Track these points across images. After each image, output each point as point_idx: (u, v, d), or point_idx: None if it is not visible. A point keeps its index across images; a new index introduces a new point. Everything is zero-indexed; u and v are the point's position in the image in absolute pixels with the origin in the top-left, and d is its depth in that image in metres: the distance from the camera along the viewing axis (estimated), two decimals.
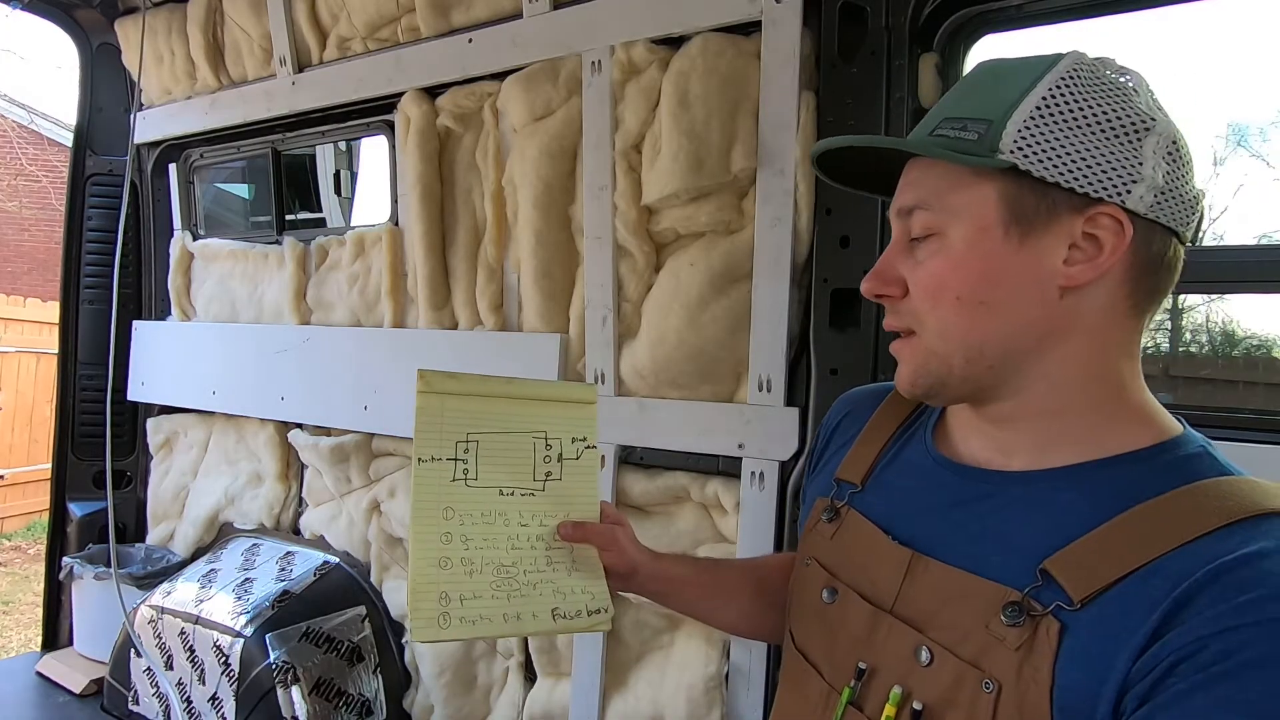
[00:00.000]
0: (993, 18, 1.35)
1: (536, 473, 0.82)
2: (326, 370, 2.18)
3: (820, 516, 0.76)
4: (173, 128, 2.54)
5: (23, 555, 5.49)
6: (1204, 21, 1.23)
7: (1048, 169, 0.56)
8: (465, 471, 0.79)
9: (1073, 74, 0.58)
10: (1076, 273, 0.57)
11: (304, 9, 2.14)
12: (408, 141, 1.95)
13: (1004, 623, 0.55)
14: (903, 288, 0.64)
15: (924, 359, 0.63)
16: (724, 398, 1.58)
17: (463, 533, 0.77)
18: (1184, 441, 0.59)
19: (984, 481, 0.64)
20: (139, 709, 2.08)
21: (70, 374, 2.61)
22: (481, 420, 0.81)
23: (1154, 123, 0.57)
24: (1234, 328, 2.97)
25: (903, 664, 0.61)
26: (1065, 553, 0.54)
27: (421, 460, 0.78)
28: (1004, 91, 0.59)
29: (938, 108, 0.65)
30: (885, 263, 0.65)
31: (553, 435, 0.83)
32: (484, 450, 0.80)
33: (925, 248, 0.62)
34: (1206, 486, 0.53)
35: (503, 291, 1.91)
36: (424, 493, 0.77)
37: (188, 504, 2.58)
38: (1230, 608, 0.46)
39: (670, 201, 1.56)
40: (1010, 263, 0.58)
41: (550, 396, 0.85)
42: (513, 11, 1.79)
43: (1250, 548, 0.48)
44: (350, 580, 2.11)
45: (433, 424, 0.79)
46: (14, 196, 8.80)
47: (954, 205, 0.60)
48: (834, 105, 1.42)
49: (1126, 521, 0.53)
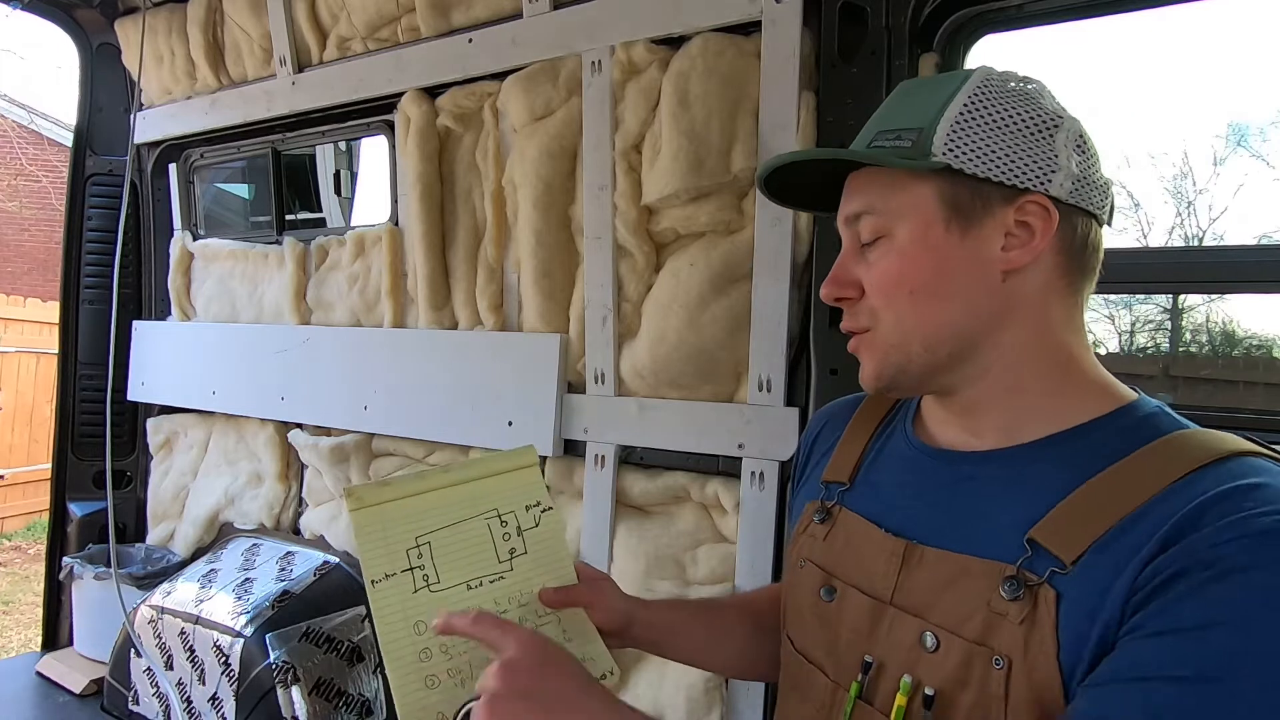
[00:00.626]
0: (993, 18, 1.35)
1: (499, 554, 0.77)
2: (326, 370, 2.18)
3: (811, 519, 0.77)
4: (173, 128, 2.54)
5: (23, 555, 5.49)
6: (1204, 21, 1.23)
7: (978, 166, 0.62)
8: (425, 578, 0.74)
9: (985, 84, 0.65)
10: (1014, 257, 0.63)
11: (304, 9, 2.14)
12: (408, 141, 1.95)
13: (1004, 597, 0.57)
14: (859, 289, 0.68)
15: (884, 352, 0.67)
16: (724, 398, 1.58)
17: (440, 644, 0.71)
18: (1140, 405, 0.63)
19: (964, 464, 0.67)
20: (139, 709, 2.08)
21: (70, 374, 2.61)
22: (426, 519, 0.76)
23: (1061, 119, 0.64)
24: (1234, 328, 2.97)
25: (909, 653, 0.62)
26: (1047, 520, 0.57)
27: (375, 582, 0.73)
28: (928, 103, 0.65)
29: (869, 125, 0.70)
30: (840, 268, 0.69)
31: (505, 510, 0.79)
32: (438, 549, 0.75)
33: (876, 249, 0.67)
34: (1170, 440, 0.58)
35: (503, 291, 1.91)
36: (387, 615, 0.72)
37: (188, 504, 2.58)
38: (1214, 530, 0.49)
39: (670, 201, 1.56)
40: (955, 254, 0.64)
41: (488, 473, 0.81)
42: (513, 11, 1.79)
43: (1224, 485, 0.52)
44: (350, 580, 2.10)
45: (375, 540, 0.74)
46: (14, 196, 8.80)
47: (898, 207, 0.65)
48: (834, 105, 1.42)
49: (1101, 481, 0.57)
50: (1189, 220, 4.42)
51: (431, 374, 1.96)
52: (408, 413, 2.00)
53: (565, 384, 1.76)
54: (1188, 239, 4.32)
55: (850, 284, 0.68)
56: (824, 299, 0.70)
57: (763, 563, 1.47)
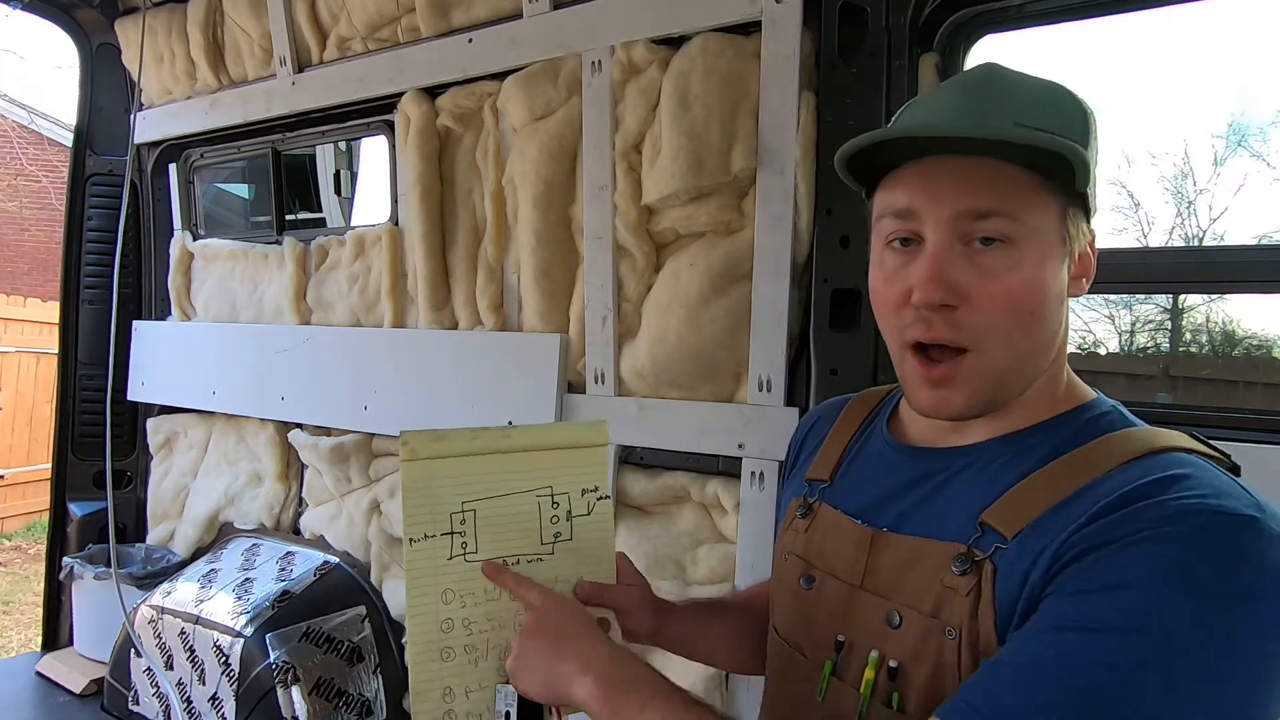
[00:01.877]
0: (993, 18, 1.35)
1: (544, 535, 0.74)
2: (326, 370, 2.18)
3: (795, 514, 0.80)
4: (173, 128, 2.54)
5: (23, 555, 5.48)
6: (1204, 21, 1.24)
7: (1093, 202, 0.64)
8: (464, 545, 0.71)
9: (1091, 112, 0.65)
10: (1077, 285, 0.65)
11: (304, 9, 2.14)
12: (408, 141, 1.95)
13: (954, 573, 0.60)
14: (961, 297, 0.61)
15: (983, 376, 0.62)
16: (724, 398, 1.57)
17: (464, 616, 0.70)
18: (1097, 404, 0.67)
19: (936, 459, 0.69)
20: (139, 709, 2.08)
21: (70, 374, 2.61)
22: (477, 484, 0.72)
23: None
24: (1234, 328, 2.97)
25: (877, 630, 0.66)
26: (998, 504, 0.61)
27: (414, 540, 0.70)
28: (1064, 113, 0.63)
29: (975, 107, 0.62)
30: (939, 269, 0.61)
31: (559, 490, 0.74)
32: (483, 518, 0.72)
33: (995, 258, 0.60)
34: (1114, 435, 0.62)
35: (503, 291, 1.91)
36: (419, 576, 0.70)
37: (188, 504, 2.58)
38: (1127, 512, 0.54)
39: (670, 201, 1.56)
40: (1060, 279, 0.63)
41: (553, 444, 0.75)
42: (513, 11, 1.79)
43: (1152, 476, 0.56)
44: (350, 580, 2.11)
45: (421, 497, 0.70)
46: (14, 196, 8.80)
47: (1032, 220, 0.61)
48: (834, 105, 1.42)
49: (1050, 470, 0.61)
50: (1189, 220, 4.42)
51: (431, 374, 1.96)
52: (408, 413, 2.00)
53: (565, 384, 1.76)
54: (1188, 239, 4.32)
55: (956, 290, 0.61)
56: (924, 304, 0.61)
57: (763, 563, 1.47)
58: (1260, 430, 1.14)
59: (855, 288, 1.40)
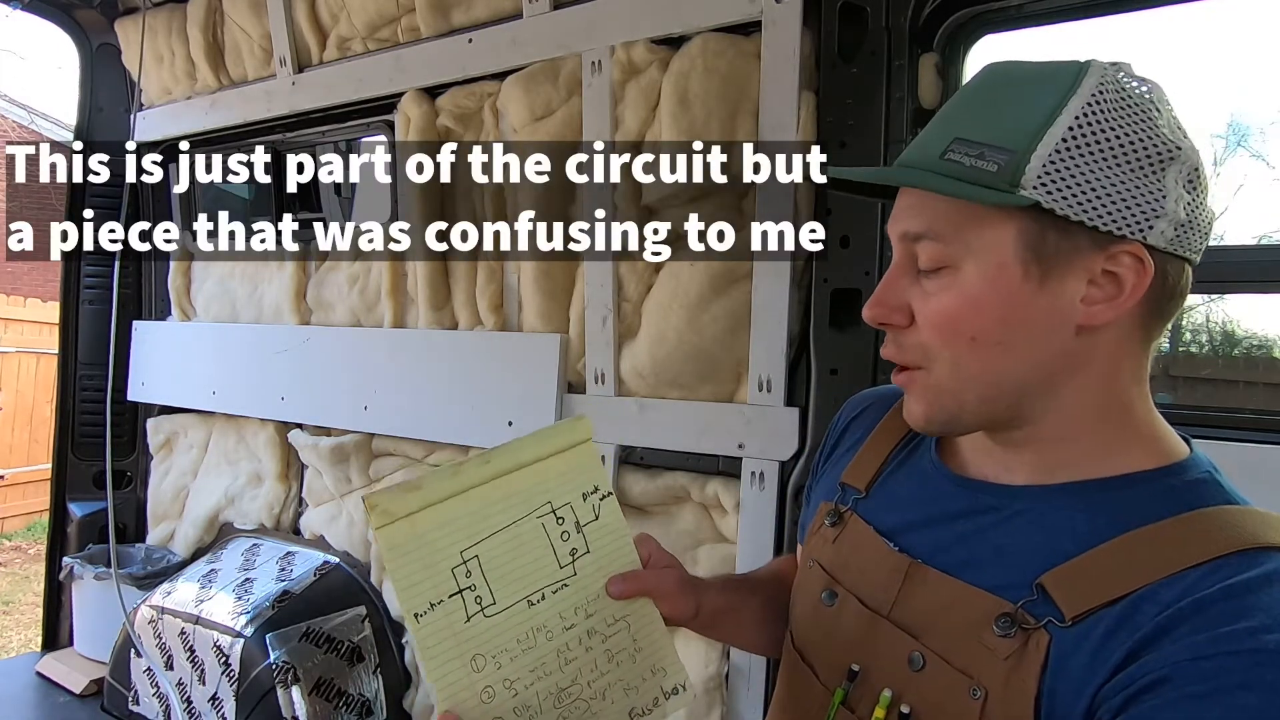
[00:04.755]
0: (993, 18, 1.35)
1: (560, 557, 0.66)
2: (326, 370, 2.18)
3: (824, 520, 0.75)
4: (173, 128, 2.54)
5: (23, 555, 5.48)
6: (1204, 21, 1.23)
7: (1072, 207, 0.53)
8: (478, 600, 0.62)
9: (1099, 95, 0.54)
10: (1096, 312, 0.56)
11: (304, 9, 2.14)
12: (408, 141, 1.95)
13: (995, 633, 0.55)
14: (908, 315, 0.60)
15: (935, 396, 0.61)
16: (724, 398, 1.57)
17: (504, 677, 0.62)
18: (1189, 465, 0.57)
19: (986, 495, 0.63)
20: (139, 709, 2.08)
21: (70, 374, 2.61)
22: (470, 527, 0.64)
23: (1178, 151, 0.55)
24: (1234, 328, 2.97)
25: (895, 668, 0.61)
26: (1061, 570, 0.54)
27: (419, 615, 0.61)
28: (1024, 114, 0.55)
29: (945, 121, 0.60)
30: (887, 288, 0.61)
31: (559, 504, 0.67)
32: (489, 563, 0.63)
33: (936, 279, 0.59)
34: (1207, 516, 0.53)
35: (503, 291, 1.91)
36: (438, 653, 0.61)
37: (188, 504, 2.58)
38: (1207, 638, 0.47)
39: (670, 202, 1.56)
40: (1029, 303, 0.56)
41: (537, 455, 0.68)
42: (513, 11, 1.79)
43: (1236, 578, 0.48)
44: (350, 580, 2.10)
45: (412, 562, 0.61)
46: None
47: (969, 240, 0.57)
48: (834, 105, 1.42)
49: (1124, 545, 0.53)
50: None
51: (431, 374, 1.96)
52: (408, 413, 2.00)
53: (565, 384, 1.76)
54: None
55: (899, 308, 0.60)
56: (868, 320, 0.62)
57: (763, 563, 1.47)
58: (1260, 430, 1.14)
59: (855, 288, 1.40)
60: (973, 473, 0.66)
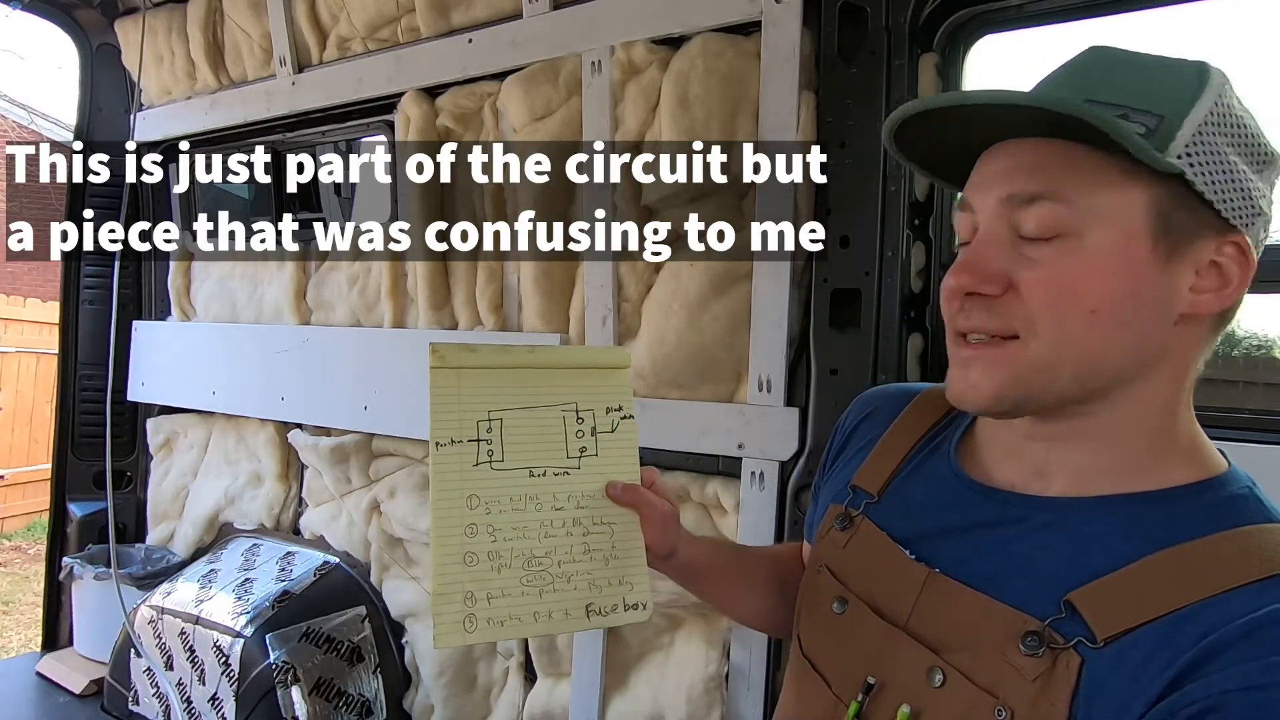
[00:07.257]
0: (993, 18, 1.35)
1: (570, 449, 0.74)
2: (326, 370, 2.18)
3: (833, 523, 0.73)
4: (173, 128, 2.54)
5: (23, 555, 5.49)
6: (1204, 21, 1.23)
7: (1208, 185, 0.52)
8: (490, 453, 0.71)
9: (1226, 89, 0.54)
10: (1204, 301, 0.54)
11: (304, 9, 2.14)
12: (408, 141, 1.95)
13: (1022, 652, 0.53)
14: (1003, 285, 0.55)
15: (1023, 369, 0.55)
16: (724, 398, 1.57)
17: (489, 523, 0.69)
18: (1228, 480, 0.55)
19: (1011, 505, 0.61)
20: (139, 709, 2.08)
21: (70, 374, 2.61)
22: (504, 395, 0.73)
23: (1276, 158, 0.56)
24: (1234, 328, 2.96)
25: (914, 683, 0.59)
26: (1093, 587, 0.52)
27: (440, 444, 0.70)
28: (1170, 84, 0.54)
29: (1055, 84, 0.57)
30: (980, 255, 0.56)
31: (584, 407, 0.75)
32: (509, 428, 0.72)
33: (1049, 247, 0.54)
34: (1249, 534, 0.51)
35: (503, 291, 1.91)
36: (445, 480, 0.69)
37: (188, 504, 2.58)
38: (1259, 666, 0.44)
39: (670, 202, 1.56)
40: (1152, 280, 0.53)
41: (578, 364, 0.78)
42: (513, 11, 1.79)
43: None
44: (350, 580, 2.10)
45: (449, 402, 0.71)
46: None
47: (1097, 204, 0.53)
48: (834, 105, 1.42)
49: (1161, 562, 0.51)
50: None
51: None
52: (408, 413, 1.99)
53: None
54: None
55: (994, 277, 0.55)
56: (951, 291, 0.57)
57: None
58: (1260, 430, 1.14)
59: (855, 288, 1.40)
60: (997, 481, 0.63)
